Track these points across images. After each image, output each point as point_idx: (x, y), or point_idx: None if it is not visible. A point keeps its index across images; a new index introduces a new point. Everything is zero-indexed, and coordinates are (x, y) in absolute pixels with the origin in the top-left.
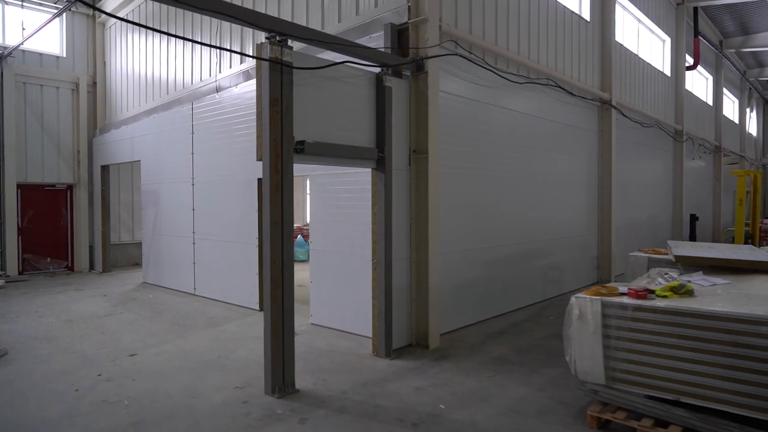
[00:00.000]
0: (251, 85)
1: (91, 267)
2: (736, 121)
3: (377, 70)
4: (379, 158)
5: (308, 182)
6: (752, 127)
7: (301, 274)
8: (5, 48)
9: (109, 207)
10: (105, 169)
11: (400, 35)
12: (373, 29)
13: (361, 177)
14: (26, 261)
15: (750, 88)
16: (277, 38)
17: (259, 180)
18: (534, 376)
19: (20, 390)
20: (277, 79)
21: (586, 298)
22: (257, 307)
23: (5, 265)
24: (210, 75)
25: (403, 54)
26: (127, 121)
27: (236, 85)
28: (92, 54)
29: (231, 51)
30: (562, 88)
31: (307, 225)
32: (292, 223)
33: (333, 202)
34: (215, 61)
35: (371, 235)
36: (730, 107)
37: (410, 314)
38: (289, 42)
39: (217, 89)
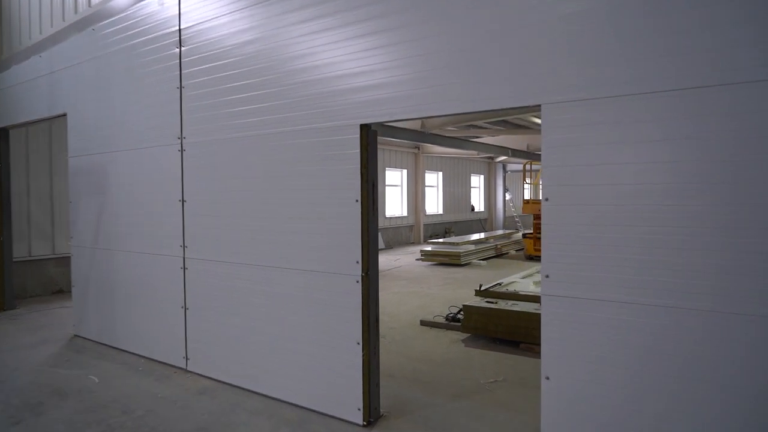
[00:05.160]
0: None
1: None
2: None
3: None
4: None
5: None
6: None
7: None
8: None
9: (10, 199)
10: (1, 134)
11: None
12: None
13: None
14: None
15: None
16: None
17: (364, 125)
18: None
19: None
20: None
21: None
22: (360, 421)
23: None
24: None
25: None
26: (41, 47)
27: None
28: None
29: None
30: None
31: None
32: None
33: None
34: None
35: None
36: None
37: None
38: None
39: None
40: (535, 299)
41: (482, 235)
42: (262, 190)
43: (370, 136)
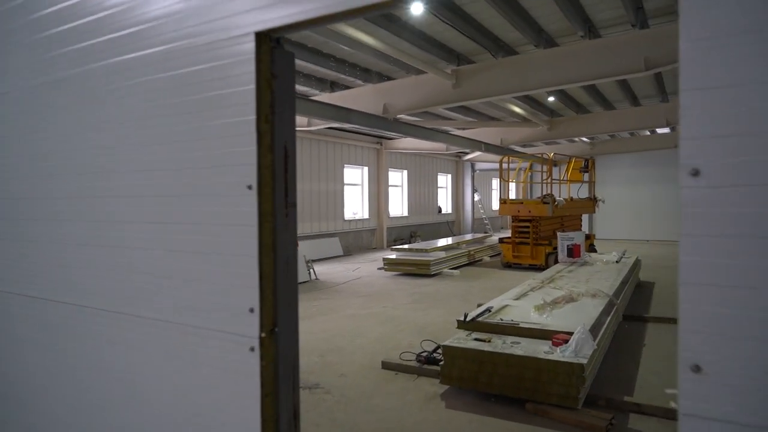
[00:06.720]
0: None
1: None
2: None
3: None
4: None
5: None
6: None
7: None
8: None
9: None
10: None
11: None
12: None
13: None
14: None
15: None
16: None
17: (264, 35)
18: None
19: None
20: None
21: None
22: None
23: None
24: None
25: None
26: None
27: None
28: None
29: None
30: None
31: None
32: None
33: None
34: None
35: None
36: None
37: None
38: None
39: None
40: (543, 335)
41: (451, 240)
42: (97, 171)
43: (277, 57)
